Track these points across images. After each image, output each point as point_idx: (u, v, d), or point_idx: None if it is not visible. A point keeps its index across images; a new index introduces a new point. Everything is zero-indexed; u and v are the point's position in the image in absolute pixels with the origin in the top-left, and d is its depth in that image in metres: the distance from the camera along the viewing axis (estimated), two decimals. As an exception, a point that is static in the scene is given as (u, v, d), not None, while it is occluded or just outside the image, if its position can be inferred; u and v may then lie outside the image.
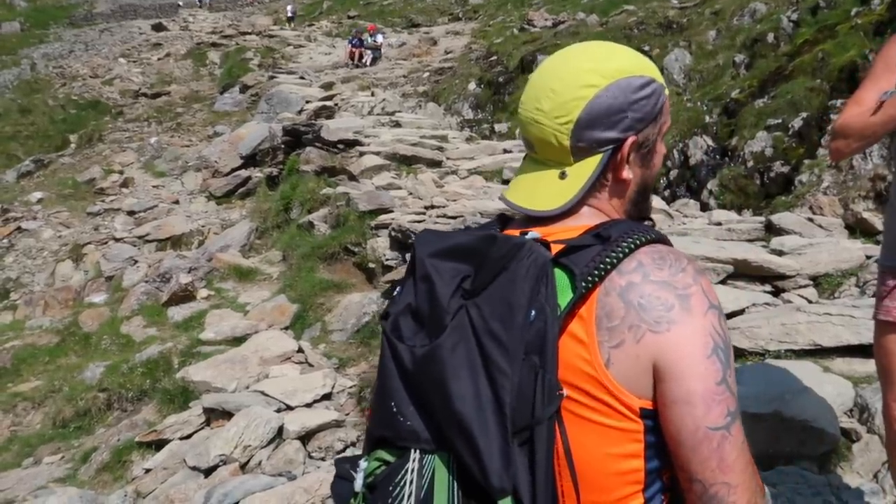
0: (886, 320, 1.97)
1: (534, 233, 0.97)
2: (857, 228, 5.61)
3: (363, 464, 0.99)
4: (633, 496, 0.93)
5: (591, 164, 1.00)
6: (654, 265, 0.92)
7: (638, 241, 0.93)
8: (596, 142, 0.99)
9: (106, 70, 23.49)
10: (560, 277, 0.91)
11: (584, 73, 0.98)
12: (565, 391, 0.89)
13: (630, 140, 0.99)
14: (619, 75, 0.98)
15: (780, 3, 11.52)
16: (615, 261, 0.91)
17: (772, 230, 5.62)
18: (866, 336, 3.41)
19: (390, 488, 0.92)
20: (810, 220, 5.78)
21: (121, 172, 14.56)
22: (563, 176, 1.01)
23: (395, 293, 1.05)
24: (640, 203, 1.07)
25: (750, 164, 7.88)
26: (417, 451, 0.93)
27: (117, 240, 10.50)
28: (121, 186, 13.58)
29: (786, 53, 9.38)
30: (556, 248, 0.93)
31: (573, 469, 0.90)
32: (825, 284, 4.47)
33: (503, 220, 1.09)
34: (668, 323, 0.89)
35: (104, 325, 7.48)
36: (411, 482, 0.91)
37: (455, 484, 0.90)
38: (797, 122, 7.65)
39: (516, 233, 0.99)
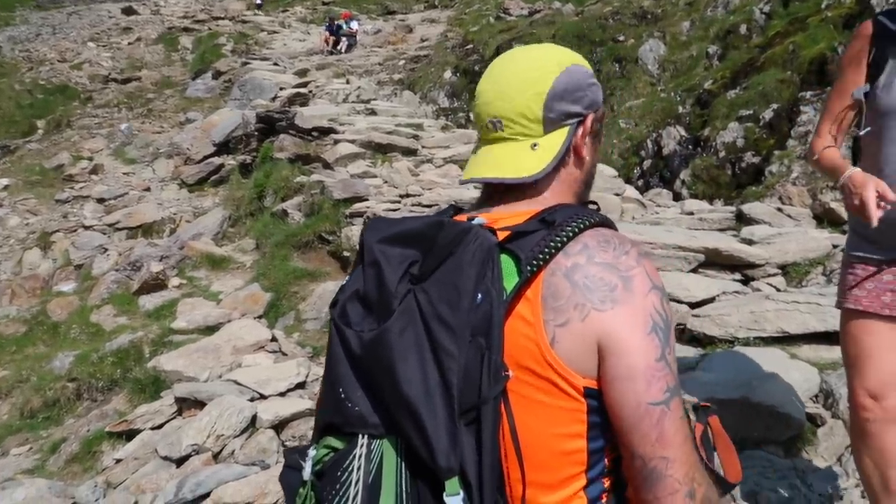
0: (855, 308, 2.00)
1: (480, 219, 1.00)
2: (825, 218, 5.73)
3: (311, 452, 0.99)
4: (577, 476, 0.96)
5: (560, 136, 1.05)
6: (598, 248, 0.96)
7: (582, 225, 0.97)
8: (564, 114, 1.05)
9: (74, 54, 22.95)
10: (506, 262, 0.94)
11: (547, 59, 1.07)
12: (511, 372, 0.91)
13: (591, 116, 1.08)
14: (574, 62, 1.08)
15: (752, -5, 11.62)
16: (559, 244, 0.94)
17: (742, 220, 5.72)
18: (832, 323, 3.49)
19: (338, 474, 0.92)
20: (779, 209, 5.89)
21: (90, 159, 14.27)
22: (534, 147, 1.04)
23: (345, 282, 1.06)
24: (590, 184, 1.14)
25: (722, 154, 7.98)
26: (365, 437, 0.93)
27: (86, 227, 10.30)
28: (90, 173, 13.32)
29: (758, 45, 9.49)
30: (502, 235, 0.96)
31: (519, 449, 0.92)
32: (793, 273, 4.56)
33: (455, 209, 1.12)
34: (611, 302, 0.92)
35: (73, 314, 7.35)
36: (359, 467, 0.91)
37: (404, 467, 0.90)
38: (768, 114, 7.75)
39: (464, 219, 1.01)
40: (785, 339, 3.56)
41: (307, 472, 0.98)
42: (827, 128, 2.07)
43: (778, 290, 4.34)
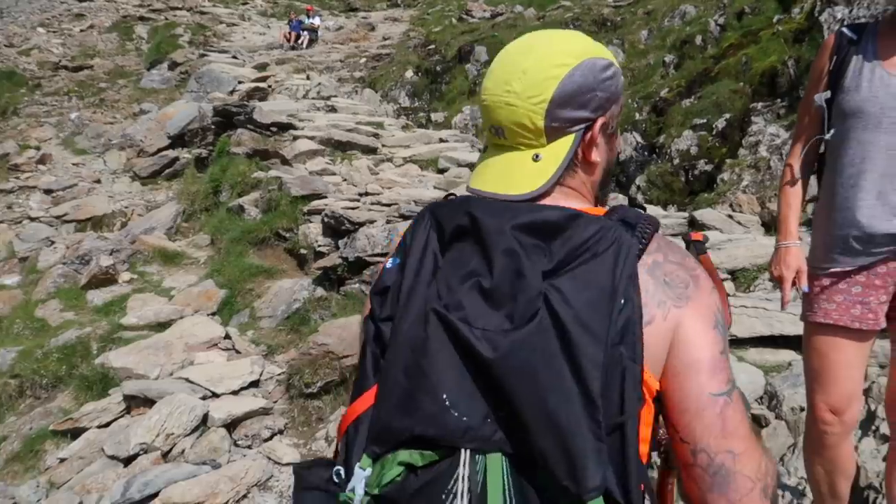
0: (824, 322, 2.00)
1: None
2: (773, 226, 5.91)
3: (363, 472, 0.85)
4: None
5: (564, 145, 0.98)
6: (668, 247, 0.95)
7: (653, 227, 0.94)
8: (569, 121, 0.97)
9: (23, 39, 22.15)
10: None
11: (555, 53, 0.97)
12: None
13: (600, 120, 1.00)
14: (586, 55, 0.98)
15: (708, 7, 11.92)
16: (646, 245, 0.91)
17: (694, 225, 5.86)
18: (777, 328, 3.61)
19: (443, 497, 0.81)
20: (730, 216, 6.06)
21: (37, 148, 13.78)
22: (536, 158, 0.98)
23: (390, 265, 0.97)
24: (605, 186, 1.08)
25: (676, 161, 8.17)
26: (468, 452, 0.83)
27: (32, 219, 9.95)
28: (37, 163, 12.86)
29: (712, 56, 9.73)
30: None
31: (639, 461, 0.86)
32: (741, 278, 4.69)
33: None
34: (686, 299, 0.91)
35: (16, 309, 7.10)
36: (465, 488, 0.81)
37: (511, 486, 0.82)
38: (721, 123, 7.96)
39: (594, 212, 0.94)
40: (733, 343, 3.66)
41: (360, 495, 0.84)
42: (797, 146, 2.13)
43: (727, 294, 4.46)
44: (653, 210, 6.87)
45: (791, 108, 7.23)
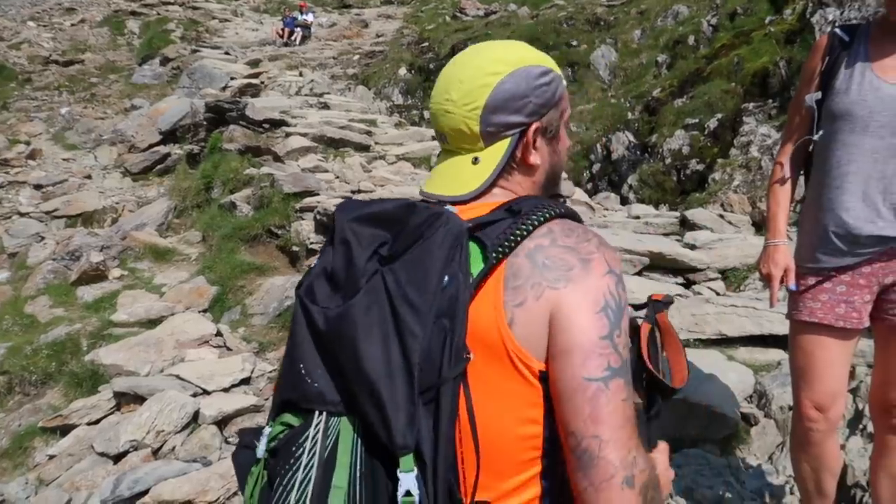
0: (809, 321, 2.02)
1: (451, 207, 1.01)
2: (763, 226, 5.94)
3: (267, 429, 0.99)
4: (532, 462, 0.96)
5: (500, 148, 1.06)
6: (562, 233, 0.98)
7: (548, 215, 0.98)
8: (503, 125, 1.05)
9: (13, 33, 21.97)
10: (473, 249, 0.95)
11: (489, 62, 1.05)
12: (471, 354, 0.91)
13: (535, 125, 1.06)
14: (520, 64, 1.05)
15: (701, 7, 11.97)
16: (525, 232, 0.96)
17: (686, 225, 5.89)
18: (767, 327, 3.63)
19: (292, 449, 0.92)
20: (721, 216, 6.09)
21: (27, 143, 13.69)
22: (475, 161, 1.06)
23: (314, 263, 1.06)
24: (552, 186, 1.14)
25: (668, 160, 8.20)
26: (323, 414, 0.93)
27: (22, 214, 9.88)
28: (27, 158, 12.78)
29: (705, 56, 9.77)
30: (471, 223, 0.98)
31: (475, 432, 0.92)
32: (732, 278, 4.72)
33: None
34: (566, 281, 0.94)
35: (6, 305, 7.05)
36: (315, 444, 0.91)
37: (360, 445, 0.90)
38: (713, 123, 8.00)
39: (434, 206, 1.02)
40: (723, 342, 3.68)
41: (261, 450, 0.97)
42: (788, 145, 2.14)
43: (717, 293, 4.49)
44: (644, 209, 6.90)
45: (782, 109, 7.27)
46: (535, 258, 0.95)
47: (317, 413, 0.94)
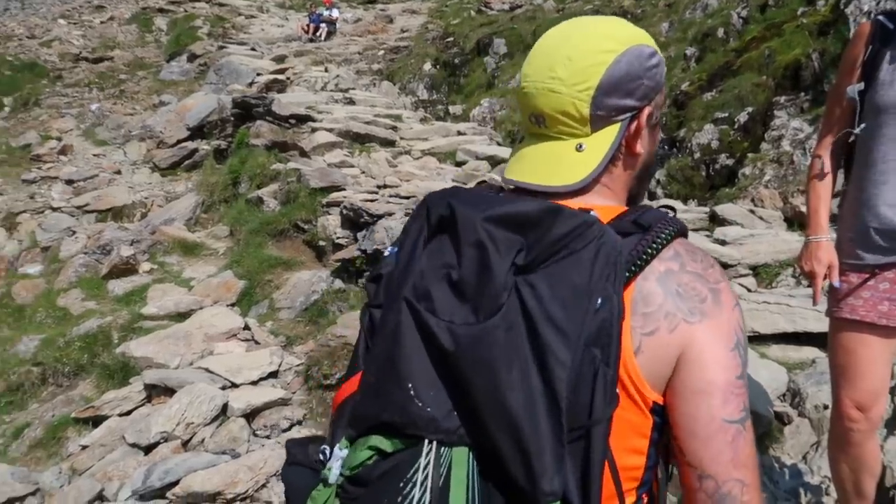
0: (851, 318, 1.98)
1: (595, 213, 0.88)
2: (795, 221, 5.84)
3: (340, 451, 0.86)
4: (630, 492, 0.91)
5: (609, 135, 0.96)
6: (688, 256, 0.91)
7: (673, 232, 0.91)
8: (615, 109, 0.95)
9: (44, 31, 22.37)
10: None
11: (600, 38, 0.95)
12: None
13: (647, 109, 0.97)
14: (632, 42, 0.95)
15: (730, -1, 11.77)
16: (656, 250, 0.88)
17: (715, 220, 5.80)
18: (801, 324, 3.56)
19: (400, 485, 0.79)
20: (752, 211, 5.99)
21: (59, 139, 13.95)
22: (580, 148, 0.95)
23: (388, 253, 0.95)
24: (645, 181, 1.04)
25: (697, 155, 8.08)
26: (433, 444, 0.81)
27: (54, 209, 10.06)
28: (59, 154, 13.01)
29: (734, 49, 9.61)
30: None
31: (615, 472, 0.85)
32: (764, 274, 4.64)
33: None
34: (701, 315, 0.87)
35: (39, 297, 7.19)
36: (426, 478, 0.79)
37: (476, 482, 0.79)
38: (743, 117, 7.87)
39: (575, 209, 0.88)
40: (755, 339, 3.62)
41: (335, 474, 0.85)
42: (827, 138, 2.08)
43: (749, 290, 4.41)
44: (673, 205, 6.82)
45: (815, 102, 7.13)
46: (668, 284, 0.87)
47: (426, 442, 0.81)
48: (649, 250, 0.87)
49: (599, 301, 0.80)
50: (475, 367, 0.79)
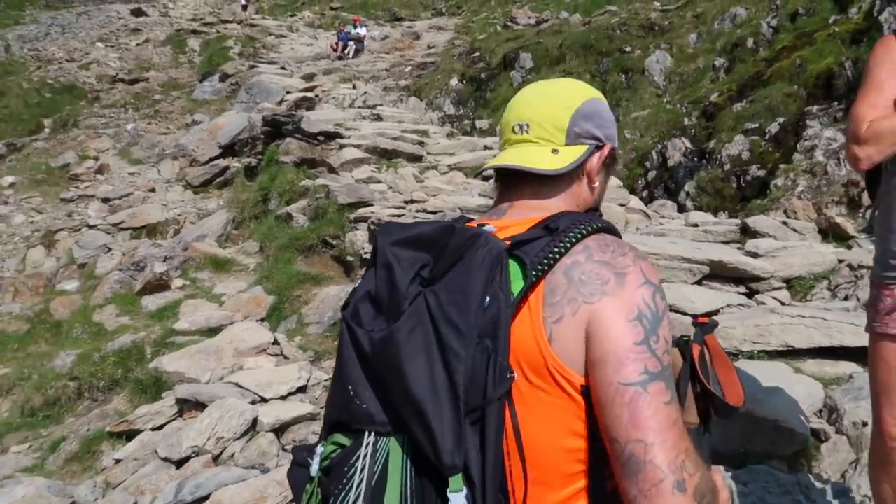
0: (893, 333, 1.93)
1: (490, 226, 1.04)
2: (830, 233, 5.72)
3: (319, 449, 1.01)
4: (579, 475, 0.96)
5: (577, 151, 1.12)
6: (598, 248, 0.99)
7: (585, 231, 1.00)
8: (585, 132, 1.13)
9: (83, 54, 23.04)
10: (513, 268, 0.97)
11: (575, 87, 1.18)
12: (516, 374, 0.93)
13: (609, 145, 1.15)
14: (596, 96, 1.18)
15: (760, 9, 11.65)
16: (563, 250, 0.98)
17: (747, 232, 5.71)
18: (837, 338, 3.47)
19: (344, 469, 0.94)
20: (784, 223, 5.88)
21: (96, 158, 14.32)
22: (555, 152, 1.12)
23: (357, 284, 1.09)
24: (597, 211, 1.19)
25: (727, 167, 7.98)
26: (372, 434, 0.95)
27: (91, 227, 10.33)
28: (95, 173, 13.36)
29: (764, 58, 9.50)
30: (510, 242, 1.00)
31: (521, 447, 0.94)
32: (798, 287, 4.54)
33: (465, 220, 1.15)
34: (601, 294, 0.95)
35: (76, 313, 7.36)
36: (364, 464, 0.93)
37: (409, 465, 0.92)
38: (774, 127, 7.75)
39: (474, 226, 1.05)
40: (789, 354, 3.54)
41: (314, 469, 1.00)
42: (881, 100, 1.94)
43: (783, 303, 4.32)
44: (702, 217, 6.72)
45: (849, 111, 6.99)
46: (572, 274, 0.96)
47: (367, 433, 0.95)
48: (556, 249, 0.97)
49: (488, 299, 0.92)
50: (385, 365, 0.94)
